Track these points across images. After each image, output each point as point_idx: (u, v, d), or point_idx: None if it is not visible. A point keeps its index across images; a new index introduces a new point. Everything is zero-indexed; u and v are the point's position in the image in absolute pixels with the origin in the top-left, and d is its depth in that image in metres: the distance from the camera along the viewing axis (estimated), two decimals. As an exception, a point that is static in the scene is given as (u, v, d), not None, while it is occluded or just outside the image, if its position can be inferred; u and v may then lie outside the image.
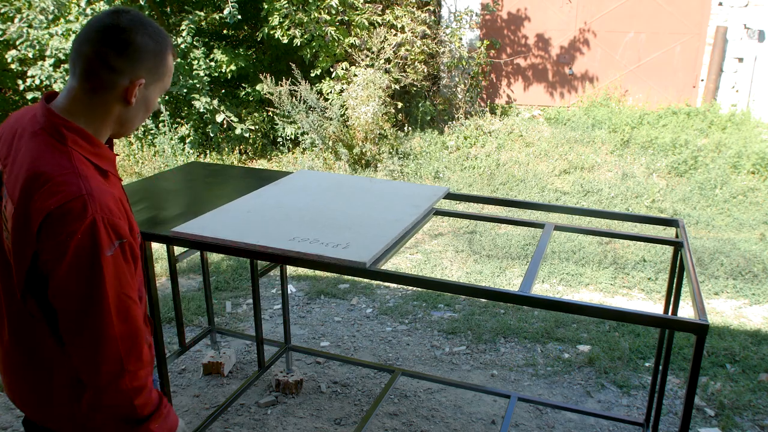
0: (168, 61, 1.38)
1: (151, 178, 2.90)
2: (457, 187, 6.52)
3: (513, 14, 8.48)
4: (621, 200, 6.09)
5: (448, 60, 8.10)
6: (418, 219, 2.30)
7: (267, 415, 3.06)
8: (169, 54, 1.38)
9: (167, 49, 1.37)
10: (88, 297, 1.25)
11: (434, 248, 5.23)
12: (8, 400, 3.17)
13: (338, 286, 4.53)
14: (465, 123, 7.80)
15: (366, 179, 2.80)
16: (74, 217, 1.22)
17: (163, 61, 1.36)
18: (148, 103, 1.39)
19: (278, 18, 7.31)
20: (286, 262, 1.99)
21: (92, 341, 1.28)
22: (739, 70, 7.60)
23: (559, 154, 6.98)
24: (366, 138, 7.13)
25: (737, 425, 2.98)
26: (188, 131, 7.67)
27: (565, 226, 2.41)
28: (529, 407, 3.13)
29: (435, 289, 1.95)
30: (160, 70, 1.36)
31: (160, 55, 1.35)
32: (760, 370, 3.40)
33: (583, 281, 4.57)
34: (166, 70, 1.38)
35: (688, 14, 7.79)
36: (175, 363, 3.51)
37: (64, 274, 1.23)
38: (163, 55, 1.36)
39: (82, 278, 1.24)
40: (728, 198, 6.00)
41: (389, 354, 3.64)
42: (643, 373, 3.41)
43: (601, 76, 8.33)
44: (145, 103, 1.38)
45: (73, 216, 1.22)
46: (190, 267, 4.88)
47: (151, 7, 7.71)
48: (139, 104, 1.37)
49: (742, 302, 4.29)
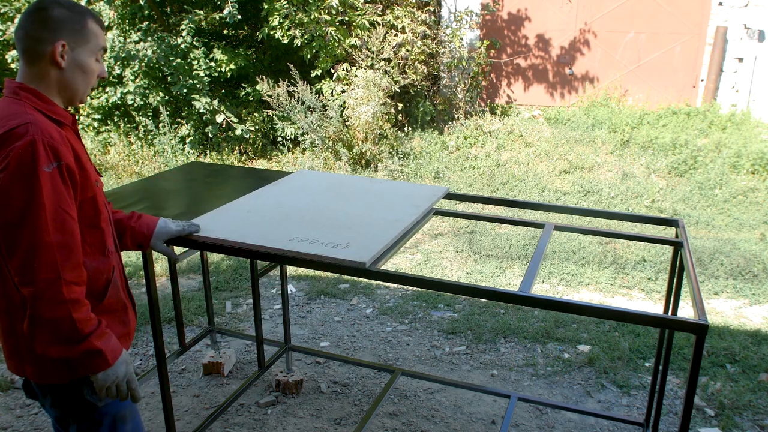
0: (88, 26, 1.56)
1: (151, 178, 2.90)
2: (457, 187, 6.52)
3: (513, 14, 8.48)
4: (621, 200, 6.09)
5: (448, 60, 8.10)
6: (418, 219, 2.30)
7: (267, 415, 3.06)
8: (89, 20, 1.56)
9: (84, 16, 1.56)
10: (27, 206, 1.40)
11: (434, 248, 5.23)
12: (8, 400, 3.17)
13: (338, 286, 4.53)
14: (465, 123, 7.80)
15: (366, 179, 2.80)
16: (17, 138, 1.42)
17: (82, 26, 1.55)
18: (83, 66, 1.57)
19: (278, 18, 7.31)
20: (286, 262, 1.99)
21: (29, 248, 1.41)
22: (739, 70, 7.60)
23: (559, 154, 6.98)
24: (366, 138, 7.13)
25: (737, 425, 2.98)
26: (188, 131, 7.67)
27: (565, 226, 2.41)
28: (529, 407, 3.13)
29: (435, 289, 1.95)
30: (81, 34, 1.55)
31: (77, 21, 1.54)
32: (760, 370, 3.40)
33: (583, 281, 4.57)
34: (88, 33, 1.56)
35: (688, 14, 7.79)
36: (175, 363, 3.51)
37: (6, 185, 1.40)
38: (81, 21, 1.55)
39: (21, 187, 1.40)
40: (728, 198, 6.00)
41: (389, 354, 3.64)
42: (643, 373, 3.41)
43: (601, 76, 8.33)
44: (78, 65, 1.56)
45: (15, 137, 1.42)
46: (190, 267, 4.88)
47: (151, 7, 7.71)
48: (72, 67, 1.55)
49: (742, 302, 4.29)
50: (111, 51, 7.04)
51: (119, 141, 7.64)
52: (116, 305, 1.68)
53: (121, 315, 1.70)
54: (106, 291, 1.63)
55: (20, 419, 3.02)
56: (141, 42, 7.20)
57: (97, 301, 1.60)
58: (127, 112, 8.06)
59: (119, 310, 1.69)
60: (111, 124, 8.04)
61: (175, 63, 7.25)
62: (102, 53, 1.61)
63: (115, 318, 1.67)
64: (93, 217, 1.58)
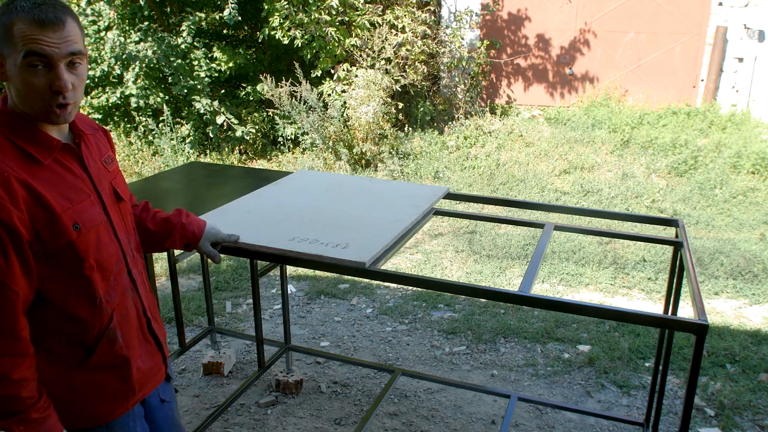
0: (14, 29, 1.28)
1: (151, 178, 2.90)
2: (457, 187, 6.52)
3: (513, 14, 8.48)
4: (621, 200, 6.09)
5: (448, 60, 8.10)
6: (418, 219, 2.30)
7: (267, 415, 3.06)
8: (16, 21, 1.28)
9: (9, 17, 1.29)
10: None
11: (434, 248, 5.23)
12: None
13: (338, 286, 4.53)
14: (465, 123, 7.80)
15: (366, 179, 2.80)
16: None
17: (6, 30, 1.29)
18: (14, 79, 1.32)
19: (278, 19, 7.31)
20: (286, 262, 1.99)
21: None
22: (739, 70, 7.60)
23: (559, 154, 6.98)
24: (366, 138, 7.13)
25: (737, 425, 2.98)
26: (188, 131, 7.68)
27: (565, 226, 2.41)
28: (529, 407, 3.13)
29: (435, 289, 1.95)
30: (7, 40, 1.29)
31: (2, 25, 1.29)
32: (760, 370, 3.40)
33: (583, 281, 4.57)
34: (14, 39, 1.29)
35: (688, 14, 7.79)
36: (175, 363, 3.52)
37: None
38: (5, 24, 1.29)
39: None
40: (728, 198, 6.00)
41: (389, 354, 3.64)
42: (643, 373, 3.41)
43: (601, 76, 8.33)
44: (11, 77, 1.32)
45: None
46: (190, 267, 4.88)
47: (151, 7, 7.71)
48: (12, 80, 1.32)
49: (742, 302, 4.29)
50: (111, 51, 7.04)
51: (119, 141, 7.64)
52: (112, 361, 1.50)
53: (121, 371, 1.52)
54: (96, 346, 1.46)
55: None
56: (141, 42, 7.20)
57: (84, 356, 1.45)
58: (127, 112, 8.06)
59: (117, 365, 1.51)
60: (111, 124, 8.04)
61: (176, 63, 7.26)
62: (37, 59, 1.29)
63: (112, 374, 1.51)
64: (73, 265, 1.39)
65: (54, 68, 1.31)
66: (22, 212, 1.29)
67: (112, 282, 1.49)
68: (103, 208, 1.48)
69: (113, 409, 1.52)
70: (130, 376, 1.54)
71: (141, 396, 1.59)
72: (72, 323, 1.42)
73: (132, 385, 1.55)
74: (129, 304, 1.54)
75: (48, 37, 1.29)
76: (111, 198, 1.52)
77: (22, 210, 1.29)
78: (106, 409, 1.51)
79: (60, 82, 1.31)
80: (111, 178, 1.55)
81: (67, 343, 1.44)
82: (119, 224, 1.54)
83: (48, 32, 1.29)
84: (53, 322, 1.41)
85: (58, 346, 1.43)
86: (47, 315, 1.40)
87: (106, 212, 1.48)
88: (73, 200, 1.39)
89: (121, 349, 1.51)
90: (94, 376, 1.48)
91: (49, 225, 1.33)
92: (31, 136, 1.35)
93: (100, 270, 1.45)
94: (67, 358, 1.44)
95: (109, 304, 1.47)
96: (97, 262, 1.44)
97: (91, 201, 1.44)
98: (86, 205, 1.43)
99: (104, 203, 1.49)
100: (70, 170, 1.42)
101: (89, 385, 1.47)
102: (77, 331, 1.43)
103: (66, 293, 1.40)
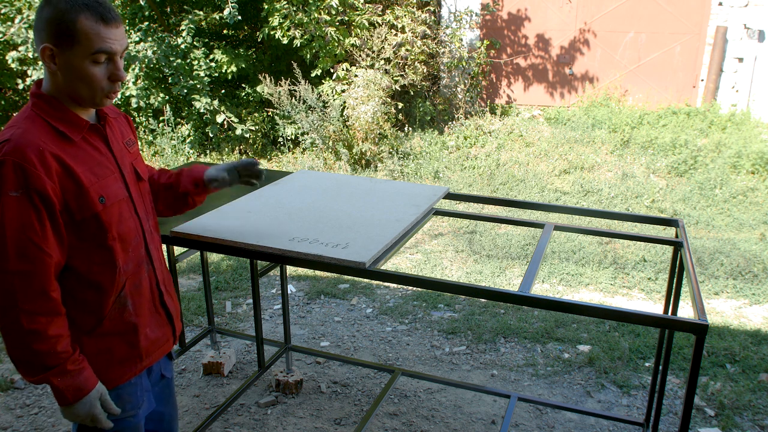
0: (78, 26, 1.39)
1: (151, 178, 2.90)
2: (457, 187, 6.52)
3: (513, 14, 8.48)
4: (621, 200, 6.09)
5: (448, 60, 8.10)
6: (418, 219, 2.30)
7: (267, 415, 3.06)
8: (80, 19, 1.39)
9: (70, 14, 1.39)
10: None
11: (434, 248, 5.23)
12: (8, 400, 3.17)
13: (338, 286, 4.53)
14: (465, 123, 7.80)
15: (366, 179, 2.80)
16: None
17: (67, 27, 1.39)
18: (74, 70, 1.43)
19: (278, 18, 7.31)
20: (286, 262, 1.99)
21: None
22: (739, 70, 7.60)
23: (559, 154, 6.98)
24: (366, 138, 7.13)
25: (737, 425, 2.98)
26: (188, 131, 7.68)
27: (565, 226, 2.41)
28: (529, 407, 3.13)
29: (435, 289, 1.95)
30: (67, 36, 1.40)
31: (60, 21, 1.39)
32: (760, 370, 3.40)
33: (583, 281, 4.57)
34: (76, 35, 1.40)
35: (688, 14, 7.79)
36: (175, 363, 3.52)
37: None
38: (65, 21, 1.39)
39: None
40: (728, 198, 6.00)
41: (389, 354, 3.64)
42: (643, 373, 3.41)
43: (601, 76, 8.33)
44: (69, 69, 1.43)
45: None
46: (190, 267, 4.88)
47: (151, 7, 7.71)
48: (64, 70, 1.43)
49: (742, 302, 4.29)
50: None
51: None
52: (121, 327, 1.59)
53: (130, 336, 1.61)
54: (109, 311, 1.57)
55: (20, 419, 3.02)
56: (141, 42, 7.20)
57: (96, 322, 1.54)
58: (127, 113, 8.06)
59: (127, 332, 1.60)
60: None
61: (176, 63, 7.26)
62: (103, 55, 1.43)
63: (121, 340, 1.60)
64: (97, 236, 1.50)
65: (113, 62, 1.47)
66: (55, 183, 1.41)
67: (131, 253, 1.59)
68: (125, 185, 1.59)
69: (122, 374, 1.61)
70: (138, 342, 1.62)
71: (148, 362, 1.68)
72: (92, 291, 1.52)
73: (140, 351, 1.63)
74: (143, 276, 1.64)
75: (113, 34, 1.44)
76: (132, 176, 1.63)
77: (55, 182, 1.41)
78: (116, 374, 1.60)
79: (120, 73, 1.47)
80: (132, 158, 1.66)
81: (83, 310, 1.53)
82: (139, 201, 1.64)
83: (112, 29, 1.44)
84: (74, 289, 1.51)
85: (75, 312, 1.52)
86: (69, 282, 1.50)
87: (127, 189, 1.60)
88: (99, 175, 1.51)
89: (131, 316, 1.60)
90: (105, 343, 1.56)
91: (77, 197, 1.45)
92: (64, 116, 1.47)
93: (121, 242, 1.55)
94: (82, 326, 1.53)
95: (125, 273, 1.57)
96: (119, 234, 1.55)
97: (114, 177, 1.55)
98: (110, 180, 1.54)
99: (126, 181, 1.59)
100: (97, 149, 1.54)
101: (100, 350, 1.56)
102: (95, 300, 1.53)
103: (90, 262, 1.50)
